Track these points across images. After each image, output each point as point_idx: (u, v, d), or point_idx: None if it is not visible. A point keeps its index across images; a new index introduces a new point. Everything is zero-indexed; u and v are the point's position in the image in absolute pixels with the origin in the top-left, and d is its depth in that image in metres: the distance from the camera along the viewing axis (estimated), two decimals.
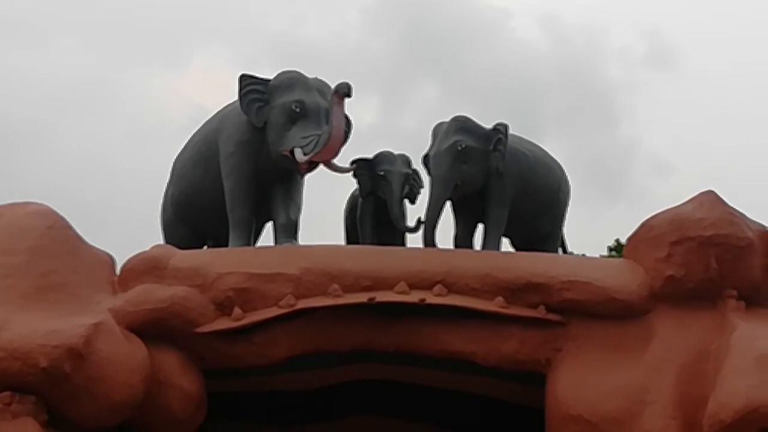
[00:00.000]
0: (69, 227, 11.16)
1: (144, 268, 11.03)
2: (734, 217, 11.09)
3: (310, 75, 12.66)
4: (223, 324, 10.83)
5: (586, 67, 44.35)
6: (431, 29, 42.86)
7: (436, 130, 13.20)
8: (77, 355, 9.63)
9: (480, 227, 13.28)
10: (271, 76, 12.58)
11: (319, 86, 12.53)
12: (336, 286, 10.93)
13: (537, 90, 42.48)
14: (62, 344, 9.58)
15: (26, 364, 9.46)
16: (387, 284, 11.00)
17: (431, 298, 10.91)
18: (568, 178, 14.23)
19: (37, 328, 9.69)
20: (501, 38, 44.67)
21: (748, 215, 11.34)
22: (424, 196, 13.35)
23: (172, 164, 13.82)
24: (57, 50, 41.04)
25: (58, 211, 11.30)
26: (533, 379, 11.07)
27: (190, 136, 13.68)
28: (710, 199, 11.20)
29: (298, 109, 12.13)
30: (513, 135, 13.20)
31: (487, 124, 13.03)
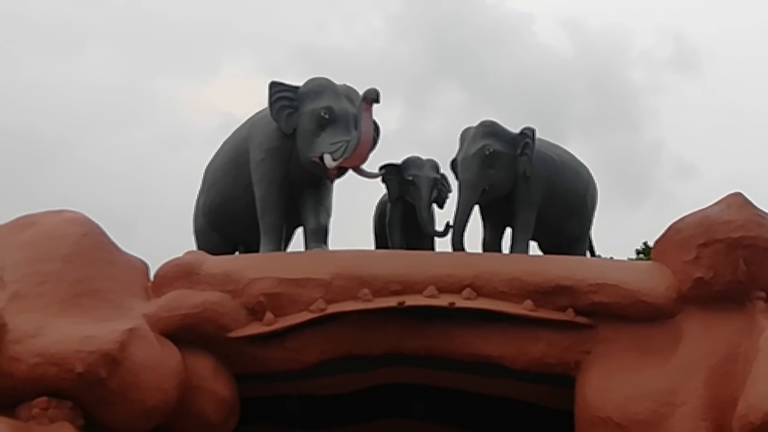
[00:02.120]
0: (103, 234, 11.32)
1: (177, 274, 11.17)
2: (762, 219, 11.09)
3: (337, 82, 12.77)
4: (255, 329, 10.94)
5: (609, 71, 44.29)
6: (455, 35, 42.95)
7: (464, 135, 13.28)
8: (112, 360, 9.77)
9: (508, 231, 13.35)
10: (298, 84, 12.71)
11: (348, 93, 12.65)
12: (366, 290, 11.02)
13: (561, 94, 42.45)
14: (97, 350, 9.73)
15: (62, 370, 9.61)
16: (416, 288, 11.08)
17: (460, 302, 10.98)
18: (595, 181, 14.27)
19: (72, 333, 9.84)
20: (524, 43, 44.65)
21: None
22: (452, 200, 13.45)
23: (203, 172, 13.97)
24: (86, 59, 41.42)
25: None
26: (562, 381, 11.11)
27: (218, 144, 13.85)
28: (738, 201, 11.20)
29: (327, 116, 12.24)
30: (540, 139, 13.26)
31: (512, 129, 13.10)
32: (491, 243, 13.37)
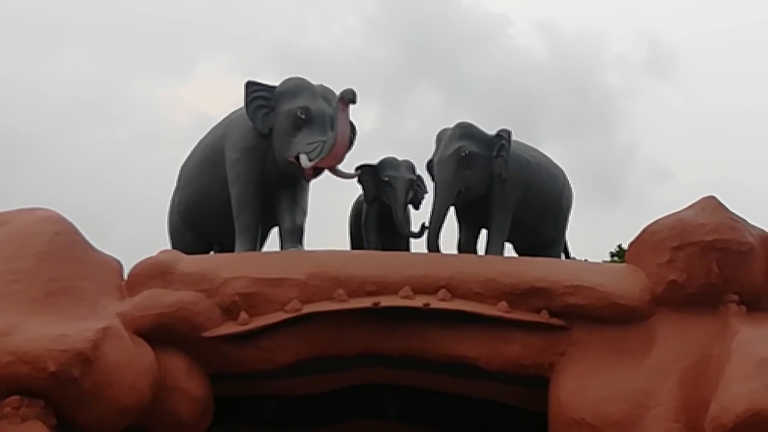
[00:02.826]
0: (77, 232, 11.26)
1: (151, 273, 11.12)
2: (736, 222, 11.17)
3: (313, 82, 12.76)
4: (229, 328, 10.91)
5: (584, 74, 44.56)
6: (431, 36, 43.10)
7: (440, 136, 13.30)
8: (85, 359, 9.71)
9: (483, 233, 13.38)
10: (274, 83, 12.68)
11: (324, 93, 12.64)
12: (341, 290, 11.02)
13: (536, 96, 42.68)
14: (70, 348, 9.66)
15: (35, 369, 9.53)
16: (391, 289, 11.09)
17: (435, 303, 11.00)
18: (570, 183, 14.32)
19: (45, 332, 9.77)
20: (500, 45, 44.88)
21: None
22: (428, 201, 13.45)
23: (179, 171, 13.93)
24: (61, 58, 41.27)
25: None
26: (536, 383, 11.14)
27: (194, 143, 13.80)
28: (712, 204, 11.28)
29: (303, 116, 12.22)
30: (516, 141, 13.30)
31: (488, 131, 13.13)
32: (467, 244, 13.40)
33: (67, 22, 41.54)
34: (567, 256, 14.39)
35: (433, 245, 12.78)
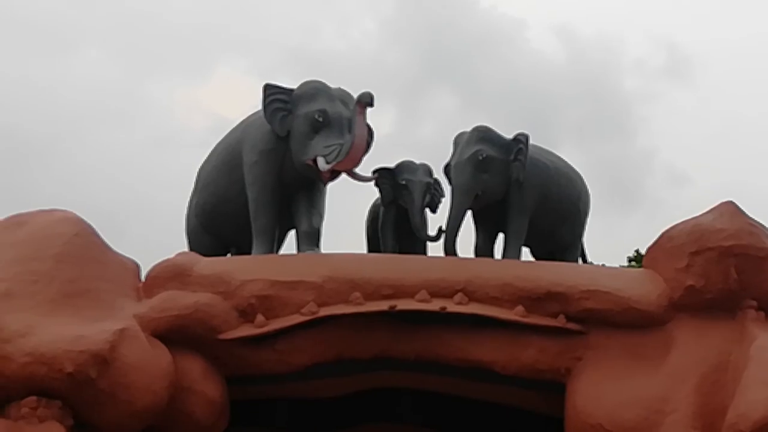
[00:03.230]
0: (95, 234, 11.30)
1: (169, 275, 11.15)
2: (754, 227, 11.11)
3: (331, 85, 12.76)
4: (246, 331, 10.94)
5: (602, 78, 44.40)
6: (448, 40, 43.01)
7: (458, 140, 13.29)
8: (102, 360, 9.75)
9: (500, 237, 13.35)
10: (291, 86, 12.70)
11: (342, 96, 12.64)
12: (357, 294, 11.02)
13: (553, 100, 42.54)
14: (88, 350, 9.71)
15: (52, 369, 9.60)
16: (408, 292, 11.09)
17: (452, 307, 10.98)
18: (588, 188, 14.28)
19: (63, 333, 9.82)
20: (517, 49, 44.75)
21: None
22: (445, 205, 13.43)
23: (196, 173, 13.95)
24: (79, 59, 41.41)
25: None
26: (553, 388, 11.12)
27: (211, 146, 13.83)
28: (730, 209, 11.23)
29: (321, 119, 12.23)
30: (534, 145, 13.27)
31: (504, 135, 13.11)
32: (483, 248, 13.37)
33: (84, 24, 41.67)
34: (584, 261, 14.35)
35: (450, 249, 12.76)
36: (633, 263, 23.04)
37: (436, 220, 13.59)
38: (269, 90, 12.56)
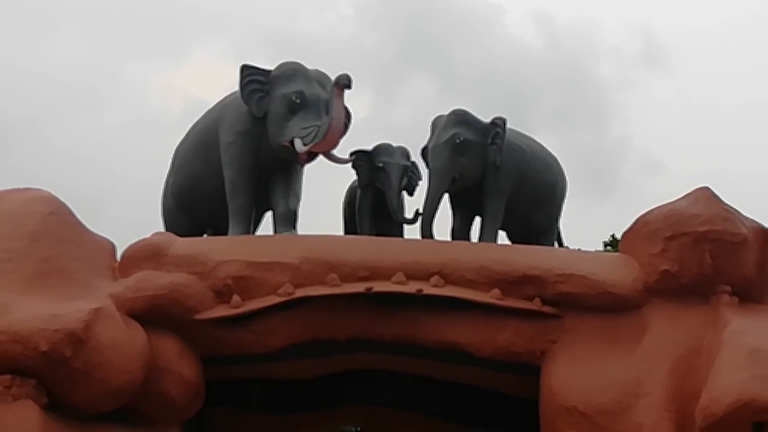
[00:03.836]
0: (70, 213, 11.22)
1: (144, 254, 11.11)
2: (729, 213, 11.19)
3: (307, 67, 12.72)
4: (221, 311, 10.92)
5: (578, 65, 44.57)
6: (425, 24, 43.07)
7: (435, 123, 13.29)
8: (77, 339, 9.70)
9: (477, 220, 13.38)
10: (269, 68, 12.64)
11: (320, 78, 12.60)
12: (334, 275, 11.02)
13: (529, 86, 42.67)
14: (62, 329, 9.65)
15: (27, 348, 9.53)
16: (384, 275, 11.10)
17: (428, 289, 11.00)
18: (565, 173, 14.32)
19: (37, 312, 9.75)
20: (494, 34, 44.84)
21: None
22: (422, 188, 13.45)
23: (173, 154, 13.89)
24: (55, 42, 41.16)
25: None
26: (528, 370, 11.17)
27: (187, 128, 13.75)
28: (705, 195, 11.29)
29: (298, 100, 12.19)
30: (511, 129, 13.29)
31: (481, 119, 13.11)
32: (460, 231, 13.40)
33: (61, 6, 41.44)
34: (560, 245, 14.39)
35: (427, 232, 12.78)
36: (609, 248, 23.13)
37: (413, 203, 13.64)
38: (246, 71, 12.51)
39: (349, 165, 13.24)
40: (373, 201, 13.43)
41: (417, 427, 13.44)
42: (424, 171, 13.52)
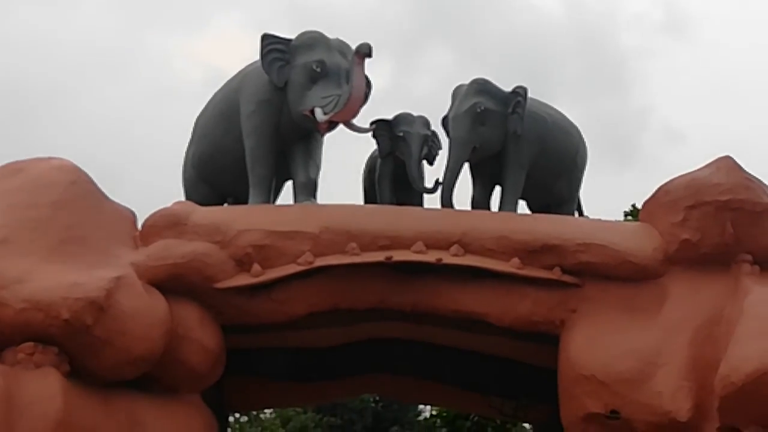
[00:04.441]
0: (91, 182, 11.28)
1: (165, 223, 11.15)
2: (751, 182, 11.13)
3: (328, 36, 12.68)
4: (242, 280, 10.95)
5: (600, 33, 44.26)
6: None
7: (456, 92, 13.24)
8: (98, 307, 9.78)
9: (497, 189, 13.35)
10: (290, 37, 12.61)
11: (340, 47, 12.55)
12: (354, 244, 11.03)
13: (550, 55, 42.43)
14: (84, 297, 9.73)
15: (48, 316, 9.62)
16: (404, 244, 11.10)
17: (448, 258, 11.01)
18: (586, 142, 14.26)
19: (59, 280, 9.83)
20: (515, 3, 44.55)
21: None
22: (442, 157, 13.41)
23: (193, 124, 13.91)
24: (79, 12, 41.19)
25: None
26: (547, 339, 11.19)
27: (207, 97, 13.76)
28: (727, 164, 11.23)
29: (318, 69, 12.16)
30: (532, 99, 13.22)
31: (502, 88, 13.05)
32: (480, 201, 13.37)
33: None
34: (580, 215, 14.34)
35: (447, 201, 12.75)
36: (629, 218, 23.01)
37: (434, 173, 13.60)
38: (267, 40, 12.48)
39: (370, 134, 13.20)
40: (393, 170, 13.40)
41: (435, 395, 13.50)
42: (444, 140, 13.48)
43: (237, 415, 27.16)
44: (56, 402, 9.35)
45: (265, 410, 28.75)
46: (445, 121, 13.39)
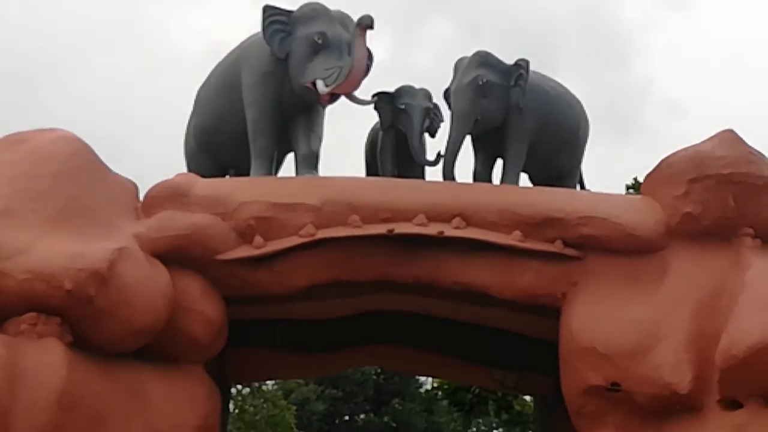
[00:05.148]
0: (93, 153, 11.28)
1: (167, 195, 11.16)
2: (753, 156, 11.11)
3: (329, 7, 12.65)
4: (244, 252, 10.97)
5: (601, 6, 44.11)
6: None
7: (458, 65, 13.22)
8: (101, 278, 9.79)
9: (499, 162, 13.34)
10: (291, 8, 12.58)
11: (342, 18, 12.52)
12: (356, 217, 11.04)
13: (552, 28, 42.32)
14: (87, 268, 9.74)
15: (51, 287, 9.64)
16: (406, 216, 11.10)
17: (449, 231, 11.01)
18: (588, 115, 14.24)
19: (62, 251, 9.85)
20: None
21: None
22: (444, 130, 13.40)
23: (195, 95, 13.89)
24: None
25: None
26: (548, 312, 11.20)
27: (208, 69, 13.74)
28: (730, 137, 11.21)
29: (320, 41, 12.13)
30: (534, 71, 13.19)
31: (504, 60, 13.02)
32: (482, 174, 13.36)
33: None
34: (582, 188, 14.34)
35: (449, 174, 12.75)
36: (631, 191, 23.02)
37: (435, 145, 13.59)
38: (268, 11, 12.44)
39: (371, 107, 13.19)
40: (395, 143, 13.39)
41: (436, 367, 13.54)
42: (446, 113, 13.46)
43: (239, 386, 27.30)
44: (59, 372, 9.37)
45: (267, 382, 28.88)
46: (447, 94, 13.37)
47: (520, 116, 12.91)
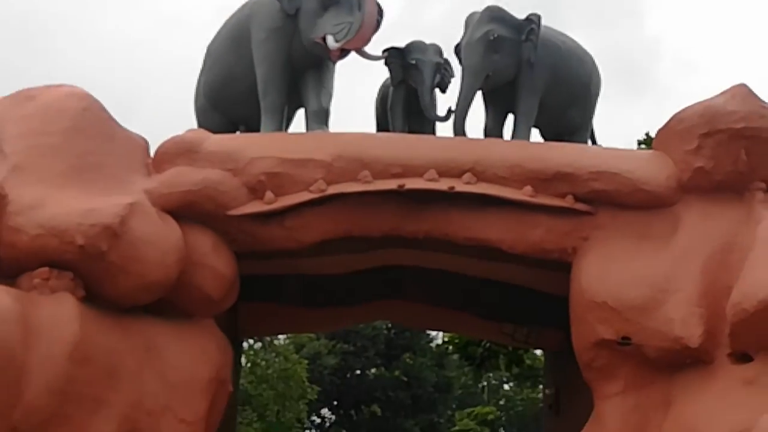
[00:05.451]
0: (103, 109, 11.27)
1: (178, 151, 11.16)
2: (766, 110, 11.03)
3: None
4: (255, 207, 11.00)
5: None
6: None
7: (469, 20, 13.12)
8: (113, 233, 9.84)
9: (510, 117, 13.29)
10: None
11: None
12: (366, 172, 11.04)
13: None
14: (98, 223, 9.79)
15: (63, 242, 9.70)
16: (417, 172, 11.10)
17: (460, 186, 11.00)
18: (599, 70, 14.16)
19: (73, 206, 9.89)
20: None
21: None
22: (455, 85, 13.34)
23: (205, 52, 13.84)
24: None
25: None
26: (559, 267, 11.21)
27: (218, 26, 13.67)
28: (742, 92, 11.13)
29: None
30: (545, 26, 13.10)
31: (515, 15, 12.94)
32: (493, 129, 13.32)
33: None
34: (593, 143, 14.29)
35: (460, 129, 12.71)
36: (643, 146, 22.91)
37: (446, 101, 13.54)
38: None
39: (382, 62, 13.14)
40: (406, 98, 13.34)
41: (447, 322, 13.59)
42: (457, 68, 13.39)
43: (251, 341, 27.47)
44: (72, 326, 9.46)
45: (279, 336, 29.05)
46: (458, 49, 13.29)
47: (532, 71, 12.84)
